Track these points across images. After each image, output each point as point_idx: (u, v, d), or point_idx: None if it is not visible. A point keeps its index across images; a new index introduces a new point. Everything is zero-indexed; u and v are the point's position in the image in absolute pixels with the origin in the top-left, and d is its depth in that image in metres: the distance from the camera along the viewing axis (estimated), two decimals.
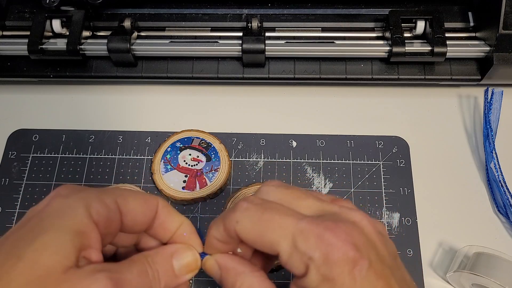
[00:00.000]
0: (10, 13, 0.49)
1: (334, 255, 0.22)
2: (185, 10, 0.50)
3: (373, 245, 0.24)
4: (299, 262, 0.23)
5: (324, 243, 0.23)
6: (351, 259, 0.22)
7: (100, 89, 0.50)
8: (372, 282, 0.22)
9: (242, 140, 0.46)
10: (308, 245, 0.23)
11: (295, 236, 0.23)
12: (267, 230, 0.24)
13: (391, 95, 0.50)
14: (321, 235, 0.23)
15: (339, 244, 0.23)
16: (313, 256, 0.23)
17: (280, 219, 0.24)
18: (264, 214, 0.24)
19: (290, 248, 0.23)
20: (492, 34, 0.44)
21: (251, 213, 0.25)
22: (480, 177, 0.45)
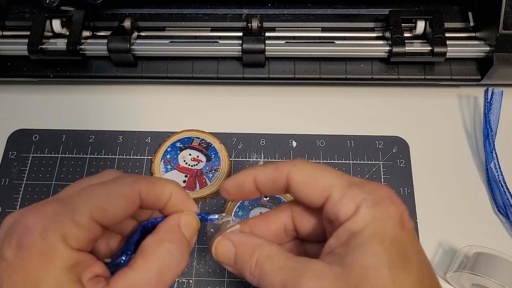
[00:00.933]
0: (10, 13, 0.49)
1: (387, 202, 0.24)
2: (185, 10, 0.50)
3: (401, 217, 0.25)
4: (350, 202, 0.24)
5: (379, 191, 0.24)
6: (401, 212, 0.24)
7: (100, 89, 0.50)
8: (415, 242, 0.24)
9: (242, 140, 0.46)
10: (364, 190, 0.24)
11: (351, 183, 0.25)
12: (324, 173, 0.26)
13: (391, 95, 0.50)
14: (377, 185, 0.25)
15: (391, 195, 0.24)
16: (367, 197, 0.24)
17: (336, 171, 0.26)
18: (321, 165, 0.26)
19: (344, 190, 0.25)
20: (492, 34, 0.44)
21: (308, 162, 0.27)
22: (480, 177, 0.45)
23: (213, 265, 0.40)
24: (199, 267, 0.40)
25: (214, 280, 0.40)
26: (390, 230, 0.23)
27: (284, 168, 0.26)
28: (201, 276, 0.40)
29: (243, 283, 0.40)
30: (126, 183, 0.25)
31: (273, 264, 0.25)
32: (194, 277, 0.40)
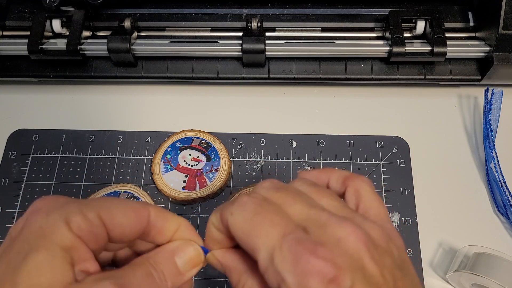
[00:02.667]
0: (10, 13, 0.49)
1: (308, 281, 0.21)
2: (185, 10, 0.50)
3: (360, 265, 0.22)
4: (273, 279, 0.22)
5: (300, 267, 0.21)
6: (328, 282, 0.20)
7: (100, 89, 0.50)
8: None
9: (242, 140, 0.46)
10: (284, 266, 0.21)
11: (274, 251, 0.22)
12: (253, 233, 0.23)
13: (391, 95, 0.50)
14: (299, 258, 0.21)
15: (315, 268, 0.21)
16: (286, 279, 0.21)
17: (268, 227, 0.23)
18: (257, 215, 0.23)
19: (267, 261, 0.22)
20: (492, 34, 0.44)
21: (246, 210, 0.24)
22: (480, 177, 0.45)
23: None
24: None
25: (214, 280, 0.40)
26: None
27: (224, 216, 0.25)
28: (201, 276, 0.40)
29: None
30: (138, 202, 0.26)
31: None
32: (194, 277, 0.40)
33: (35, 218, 0.23)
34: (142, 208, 0.25)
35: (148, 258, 0.25)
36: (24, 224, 0.23)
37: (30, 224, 0.23)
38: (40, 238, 0.22)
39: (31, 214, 0.23)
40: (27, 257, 0.21)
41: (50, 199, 0.24)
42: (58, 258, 0.21)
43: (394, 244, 0.24)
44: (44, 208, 0.23)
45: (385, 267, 0.22)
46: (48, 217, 0.23)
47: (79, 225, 0.23)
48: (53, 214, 0.23)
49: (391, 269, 0.22)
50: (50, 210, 0.23)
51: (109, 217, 0.24)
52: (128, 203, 0.25)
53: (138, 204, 0.25)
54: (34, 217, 0.23)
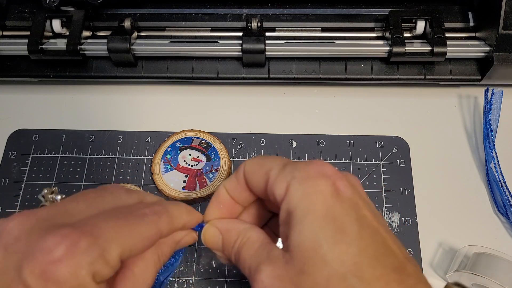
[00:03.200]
0: (10, 13, 0.49)
1: (317, 176, 0.24)
2: (185, 10, 0.50)
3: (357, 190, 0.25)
4: (282, 182, 0.24)
5: (308, 168, 0.24)
6: (334, 182, 0.23)
7: (100, 89, 0.50)
8: (356, 209, 0.23)
9: (242, 140, 0.46)
10: (296, 167, 0.24)
11: (286, 165, 0.25)
12: (266, 160, 0.26)
13: (391, 95, 0.50)
14: (309, 162, 0.25)
15: (324, 170, 0.24)
16: (296, 175, 0.24)
17: (277, 158, 0.27)
18: (265, 156, 0.28)
19: (278, 171, 0.25)
20: (492, 34, 0.44)
21: (255, 158, 0.28)
22: (480, 177, 0.45)
23: (213, 265, 0.40)
24: (199, 267, 0.40)
25: (214, 280, 0.40)
26: (321, 204, 0.23)
27: (240, 168, 0.28)
28: (201, 276, 0.40)
29: (243, 283, 0.40)
30: (152, 223, 0.25)
31: (247, 251, 0.26)
32: (194, 277, 0.40)
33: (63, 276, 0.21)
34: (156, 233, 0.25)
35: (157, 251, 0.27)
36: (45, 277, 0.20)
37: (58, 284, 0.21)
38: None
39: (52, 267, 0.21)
40: None
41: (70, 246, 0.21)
42: None
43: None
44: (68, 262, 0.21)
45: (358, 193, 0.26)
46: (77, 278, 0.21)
47: (104, 276, 0.22)
48: (81, 272, 0.21)
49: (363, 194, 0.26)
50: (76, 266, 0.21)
51: (127, 255, 0.23)
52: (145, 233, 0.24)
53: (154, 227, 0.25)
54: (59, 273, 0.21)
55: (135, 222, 0.24)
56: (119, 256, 0.23)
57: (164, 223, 0.26)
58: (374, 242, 0.23)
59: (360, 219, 0.23)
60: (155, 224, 0.25)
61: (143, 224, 0.25)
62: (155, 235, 0.25)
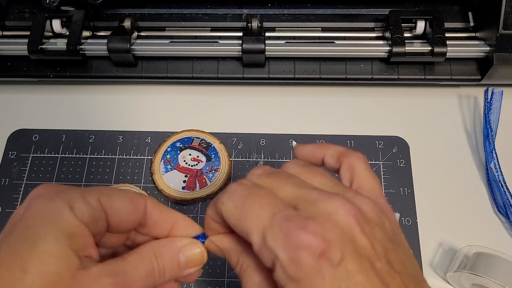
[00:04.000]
0: (10, 13, 0.49)
1: (299, 256, 0.21)
2: (185, 10, 0.50)
3: (351, 238, 0.22)
4: (267, 258, 0.23)
5: (290, 242, 0.21)
6: (318, 256, 0.21)
7: (100, 89, 0.50)
8: (346, 279, 0.21)
9: (242, 140, 0.46)
10: (275, 243, 0.22)
11: (266, 231, 0.22)
12: (244, 218, 0.24)
13: (391, 95, 0.50)
14: (289, 234, 0.22)
15: (305, 243, 0.21)
16: (278, 256, 0.22)
17: (258, 209, 0.23)
18: (246, 201, 0.24)
19: (260, 242, 0.23)
20: (492, 34, 0.44)
21: (235, 197, 0.24)
22: (480, 177, 0.45)
23: (213, 265, 0.40)
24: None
25: (214, 280, 0.40)
26: (315, 284, 0.21)
27: (218, 206, 0.25)
28: (201, 276, 0.40)
29: None
30: (135, 192, 0.26)
31: (248, 282, 0.25)
32: None
33: (38, 203, 0.23)
34: (139, 197, 0.26)
35: (153, 249, 0.26)
36: (26, 209, 0.23)
37: (33, 209, 0.23)
38: (45, 224, 0.22)
39: (33, 200, 0.23)
40: (35, 244, 0.21)
41: (51, 185, 0.24)
42: (65, 245, 0.22)
43: (387, 218, 0.24)
44: (46, 194, 0.23)
45: (376, 239, 0.22)
46: (51, 202, 0.23)
47: (82, 210, 0.23)
48: (56, 199, 0.23)
49: (382, 241, 0.23)
50: (52, 195, 0.23)
51: (109, 203, 0.24)
52: (125, 192, 0.26)
53: (135, 194, 0.26)
54: (36, 202, 0.23)
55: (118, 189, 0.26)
56: (97, 198, 0.24)
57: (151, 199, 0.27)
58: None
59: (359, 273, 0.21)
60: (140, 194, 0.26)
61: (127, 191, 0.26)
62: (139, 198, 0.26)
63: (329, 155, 0.28)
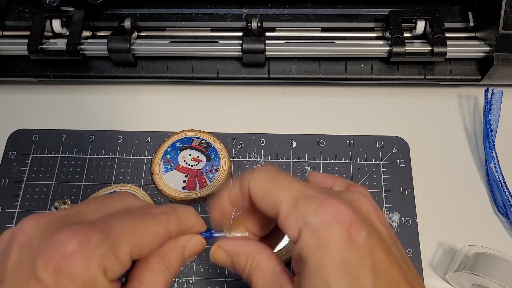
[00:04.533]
0: (10, 13, 0.49)
1: (331, 222, 0.23)
2: (185, 10, 0.50)
3: (372, 222, 0.24)
4: (294, 224, 0.23)
5: (324, 209, 0.23)
6: (348, 227, 0.22)
7: (100, 89, 0.50)
8: (370, 253, 0.22)
9: (242, 140, 0.46)
10: (308, 209, 0.23)
11: (298, 199, 0.24)
12: (276, 188, 0.25)
13: (391, 95, 0.50)
14: (322, 202, 0.23)
15: (338, 212, 0.23)
16: (309, 220, 0.23)
17: (290, 182, 0.25)
18: (278, 176, 0.26)
19: (289, 209, 0.24)
20: (492, 34, 0.44)
21: (267, 173, 0.26)
22: (480, 177, 0.45)
23: (213, 265, 0.40)
24: (199, 267, 0.40)
25: (214, 280, 0.40)
26: (335, 256, 0.22)
27: (245, 181, 0.26)
28: (201, 276, 0.40)
29: (243, 283, 0.40)
30: (162, 222, 0.25)
31: (259, 279, 0.26)
32: (194, 277, 0.40)
33: (75, 270, 0.21)
34: (166, 232, 0.25)
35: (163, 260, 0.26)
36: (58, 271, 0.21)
37: (71, 277, 0.21)
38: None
39: (65, 261, 0.21)
40: None
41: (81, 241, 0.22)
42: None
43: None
44: (81, 256, 0.21)
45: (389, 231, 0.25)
46: (88, 271, 0.21)
47: (115, 273, 0.23)
48: (92, 265, 0.21)
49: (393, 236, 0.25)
50: (88, 260, 0.21)
51: (137, 253, 0.24)
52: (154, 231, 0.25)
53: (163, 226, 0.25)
54: (72, 267, 0.21)
55: (144, 220, 0.25)
56: (129, 252, 0.23)
57: (173, 222, 0.26)
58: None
59: (375, 266, 0.22)
60: (164, 222, 0.25)
61: (152, 222, 0.25)
62: (164, 233, 0.25)
63: (338, 185, 0.30)
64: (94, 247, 0.22)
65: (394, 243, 0.25)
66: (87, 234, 0.22)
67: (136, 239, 0.24)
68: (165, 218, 0.26)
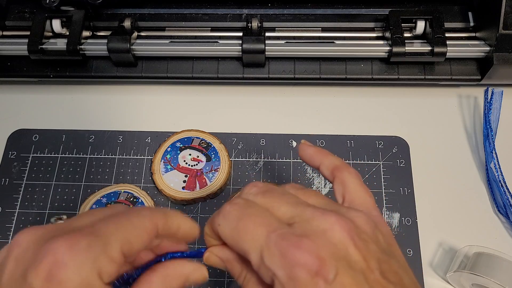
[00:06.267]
0: (10, 13, 0.49)
1: (296, 273, 0.22)
2: (185, 10, 0.50)
3: (344, 254, 0.23)
4: (266, 275, 0.23)
5: (287, 261, 0.22)
6: (314, 274, 0.22)
7: (100, 89, 0.50)
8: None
9: (242, 140, 0.46)
10: (273, 262, 0.23)
11: (262, 250, 0.23)
12: (241, 239, 0.24)
13: (391, 95, 0.50)
14: (285, 253, 0.22)
15: (301, 261, 0.22)
16: (276, 274, 0.23)
17: (253, 230, 0.24)
18: (241, 222, 0.25)
19: (258, 261, 0.24)
20: (492, 34, 0.44)
21: (230, 219, 0.25)
22: (480, 177, 0.45)
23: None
24: None
25: (214, 280, 0.40)
26: None
27: (214, 227, 0.26)
28: None
29: None
30: (146, 216, 0.26)
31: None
32: None
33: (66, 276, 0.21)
34: (152, 224, 0.26)
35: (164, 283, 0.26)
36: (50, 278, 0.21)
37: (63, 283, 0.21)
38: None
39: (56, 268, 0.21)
40: None
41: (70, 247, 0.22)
42: None
43: (379, 230, 0.25)
44: (72, 262, 0.22)
45: (369, 252, 0.23)
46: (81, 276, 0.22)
47: (110, 274, 0.23)
48: (85, 269, 0.22)
49: (376, 253, 0.24)
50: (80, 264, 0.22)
51: (128, 248, 0.24)
52: (140, 224, 0.25)
53: (148, 220, 0.26)
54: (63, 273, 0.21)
55: (129, 217, 0.25)
56: (120, 249, 0.23)
57: (158, 216, 0.26)
58: None
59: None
60: (149, 216, 0.26)
61: (137, 217, 0.25)
62: (150, 226, 0.25)
63: (325, 166, 0.29)
64: (84, 251, 0.22)
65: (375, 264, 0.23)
66: (76, 240, 0.22)
67: (123, 235, 0.24)
68: (149, 213, 0.26)
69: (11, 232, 0.42)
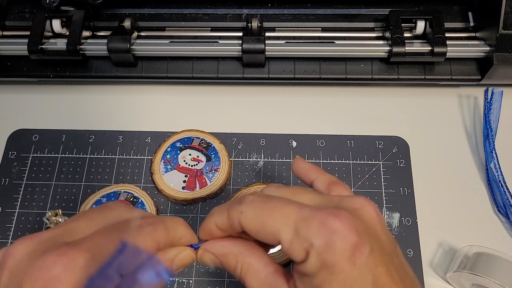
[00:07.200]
0: (10, 13, 0.49)
1: (335, 242, 0.22)
2: (185, 10, 0.50)
3: (374, 232, 0.24)
4: (299, 248, 0.23)
5: (326, 229, 0.23)
6: (352, 245, 0.23)
7: (100, 89, 0.50)
8: (372, 269, 0.23)
9: (242, 140, 0.46)
10: (310, 231, 0.23)
11: (297, 223, 0.24)
12: (269, 219, 0.24)
13: (391, 95, 0.50)
14: (323, 221, 0.23)
15: (340, 230, 0.23)
16: (314, 242, 0.23)
17: (282, 208, 0.24)
18: (268, 203, 0.25)
19: (291, 235, 0.24)
20: (492, 34, 0.44)
21: (255, 204, 0.25)
22: (480, 177, 0.45)
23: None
24: (199, 267, 0.40)
25: (214, 280, 0.40)
26: (339, 276, 0.22)
27: (234, 215, 0.26)
28: (201, 276, 0.40)
29: None
30: (149, 233, 0.25)
31: (252, 281, 0.26)
32: (194, 277, 0.40)
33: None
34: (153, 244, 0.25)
35: None
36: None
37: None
38: None
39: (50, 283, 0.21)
40: None
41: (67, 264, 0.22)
42: None
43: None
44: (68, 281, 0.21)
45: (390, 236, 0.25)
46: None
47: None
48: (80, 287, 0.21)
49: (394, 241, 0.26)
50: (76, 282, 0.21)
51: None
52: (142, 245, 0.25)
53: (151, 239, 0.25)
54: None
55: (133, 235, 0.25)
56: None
57: (160, 233, 0.26)
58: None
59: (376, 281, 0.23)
60: (151, 235, 0.25)
61: (142, 235, 0.25)
62: (152, 245, 0.25)
63: (321, 181, 0.29)
64: (81, 269, 0.22)
65: (394, 250, 0.25)
66: (73, 256, 0.22)
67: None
68: (152, 230, 0.26)
69: (11, 232, 0.42)
